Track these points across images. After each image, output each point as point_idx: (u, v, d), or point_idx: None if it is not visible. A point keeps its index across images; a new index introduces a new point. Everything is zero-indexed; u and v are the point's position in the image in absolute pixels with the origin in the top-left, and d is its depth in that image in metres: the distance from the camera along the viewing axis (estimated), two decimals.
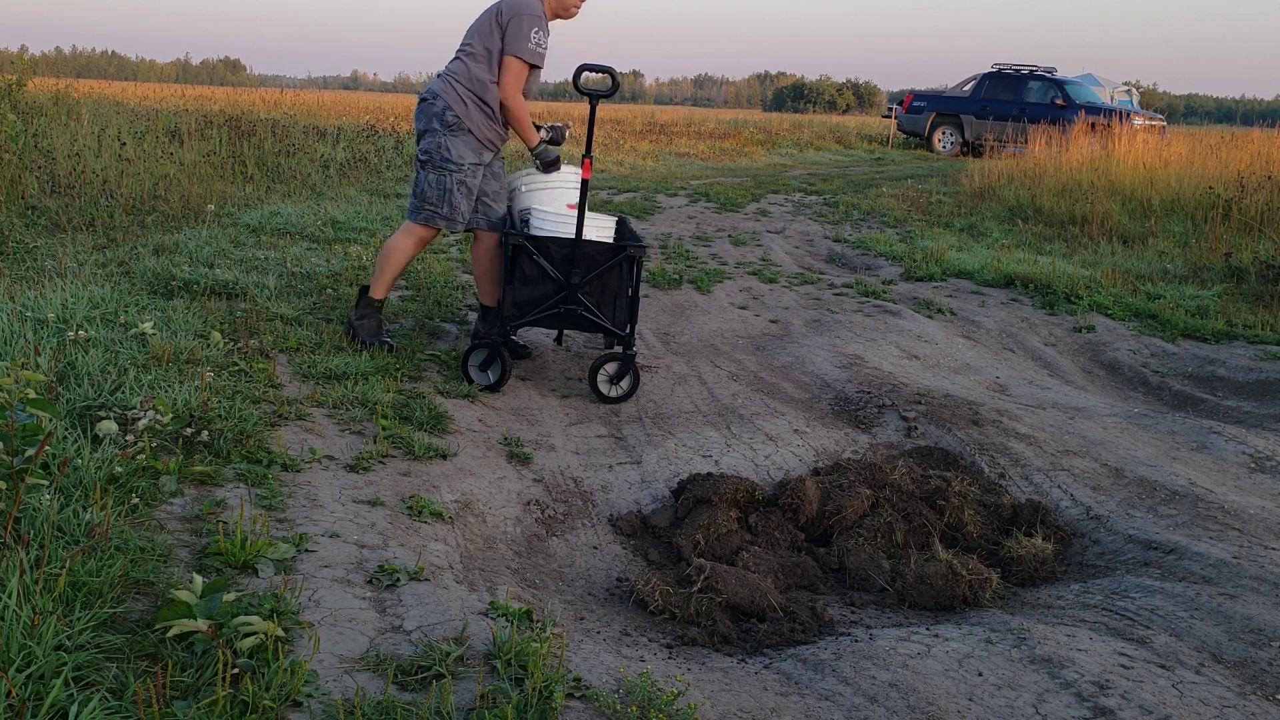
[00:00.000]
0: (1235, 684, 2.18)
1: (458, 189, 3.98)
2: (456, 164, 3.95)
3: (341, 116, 16.37)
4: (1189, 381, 5.09)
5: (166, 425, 2.75)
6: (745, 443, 3.68)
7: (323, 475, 2.82)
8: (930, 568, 2.72)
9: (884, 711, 2.01)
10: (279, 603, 2.02)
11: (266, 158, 9.42)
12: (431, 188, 3.99)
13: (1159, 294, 6.43)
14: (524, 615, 2.22)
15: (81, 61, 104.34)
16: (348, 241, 6.40)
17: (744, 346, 5.00)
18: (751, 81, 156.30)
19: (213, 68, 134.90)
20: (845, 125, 31.61)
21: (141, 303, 4.12)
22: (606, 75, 3.90)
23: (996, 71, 20.09)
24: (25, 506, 2.14)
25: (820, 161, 19.40)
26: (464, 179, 3.97)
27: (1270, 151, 11.18)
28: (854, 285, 6.59)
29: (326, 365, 3.73)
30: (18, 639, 1.69)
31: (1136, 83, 35.97)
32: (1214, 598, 2.57)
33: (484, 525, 2.85)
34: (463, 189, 3.98)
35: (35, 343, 3.25)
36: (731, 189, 11.99)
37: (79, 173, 7.03)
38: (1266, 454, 3.73)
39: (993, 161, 12.75)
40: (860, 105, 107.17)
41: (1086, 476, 3.49)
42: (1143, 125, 15.21)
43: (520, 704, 1.82)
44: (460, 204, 4.00)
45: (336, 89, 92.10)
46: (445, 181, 3.96)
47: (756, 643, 2.41)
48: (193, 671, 1.78)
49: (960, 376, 4.82)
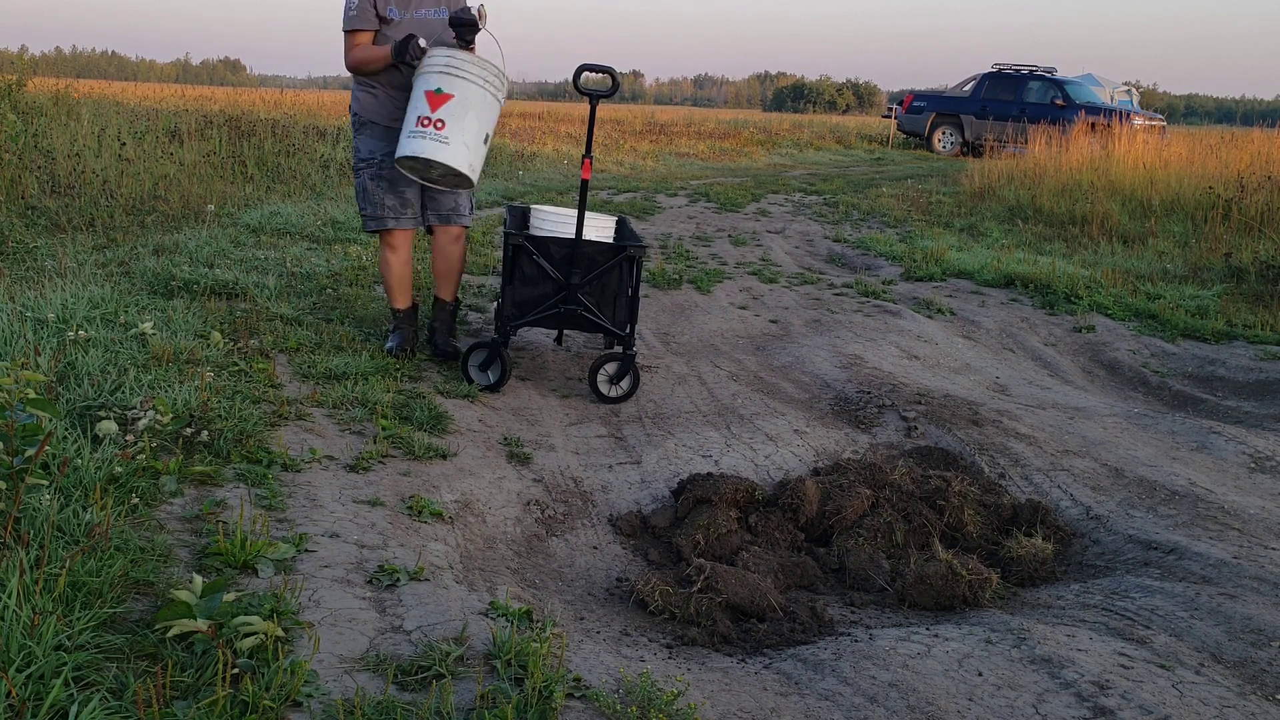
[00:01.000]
0: (1235, 684, 2.18)
1: (371, 183, 3.92)
2: (366, 160, 3.93)
3: (341, 116, 16.34)
4: (1189, 381, 5.09)
5: (166, 425, 2.75)
6: (745, 443, 3.68)
7: (323, 475, 2.82)
8: (930, 568, 2.72)
9: (884, 711, 2.01)
10: (279, 603, 2.02)
11: (266, 158, 9.42)
12: (357, 194, 3.99)
13: (1159, 294, 6.43)
14: (524, 615, 2.22)
15: (81, 61, 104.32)
16: (348, 241, 6.40)
17: (744, 346, 5.00)
18: (751, 81, 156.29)
19: (213, 68, 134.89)
20: (845, 125, 31.61)
21: (141, 303, 4.12)
22: (606, 75, 3.89)
23: (996, 71, 20.09)
24: (25, 506, 2.14)
25: (820, 161, 19.40)
26: (376, 172, 3.90)
27: (1270, 151, 11.18)
28: (854, 285, 6.59)
29: (326, 365, 3.73)
30: (18, 639, 1.69)
31: (1136, 83, 35.96)
32: (1214, 598, 2.57)
33: (484, 525, 2.85)
34: (378, 181, 3.90)
35: (35, 343, 3.25)
36: (731, 189, 11.99)
37: (79, 173, 7.03)
38: (1266, 454, 3.73)
39: (993, 161, 12.74)
40: (860, 105, 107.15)
41: (1086, 476, 3.49)
42: (1143, 125, 15.20)
43: (520, 704, 1.82)
44: (381, 198, 3.92)
45: (336, 89, 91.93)
46: (360, 180, 3.97)
47: (756, 643, 2.41)
48: (193, 671, 1.78)
49: (960, 376, 4.82)
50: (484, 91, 3.58)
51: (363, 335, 4.26)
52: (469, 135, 3.54)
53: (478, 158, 3.66)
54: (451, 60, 3.56)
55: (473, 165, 3.61)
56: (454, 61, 3.56)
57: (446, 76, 3.54)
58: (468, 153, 3.57)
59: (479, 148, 3.63)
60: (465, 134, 3.52)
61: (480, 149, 3.65)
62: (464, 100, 3.54)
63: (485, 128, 3.64)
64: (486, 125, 3.65)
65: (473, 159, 3.61)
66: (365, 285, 5.18)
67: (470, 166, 3.60)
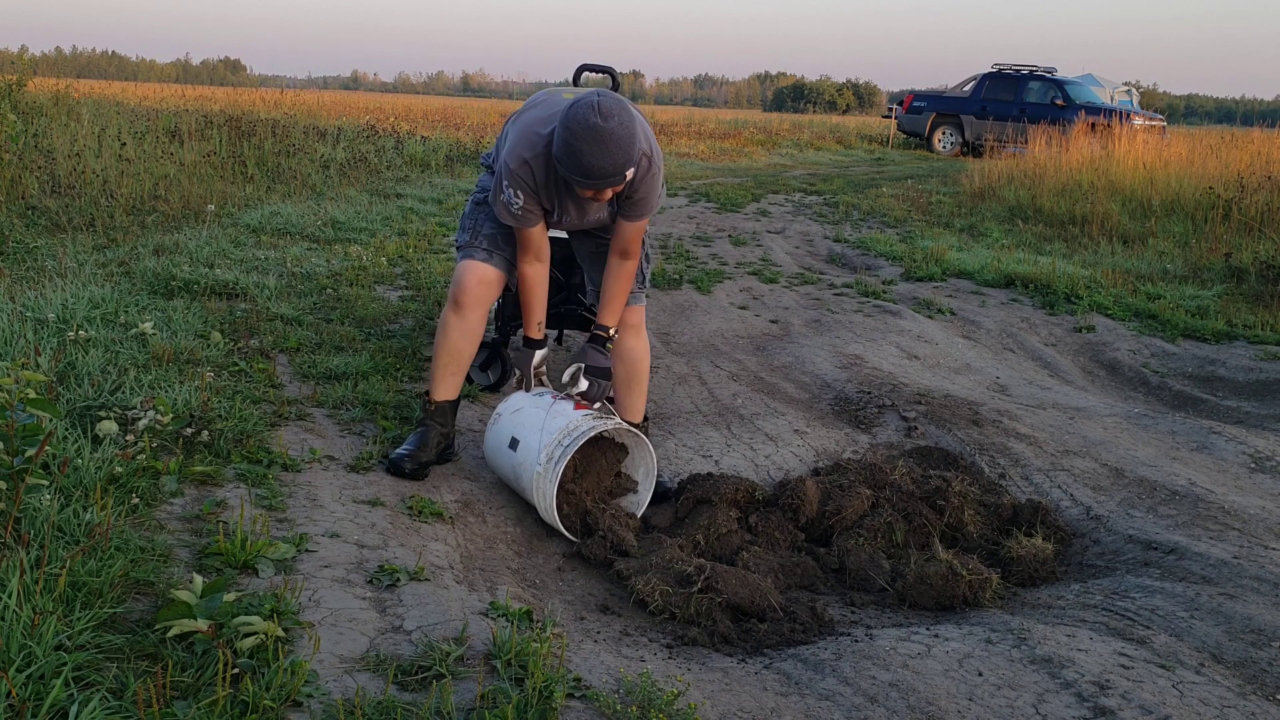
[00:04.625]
0: (1235, 684, 2.18)
1: (476, 207, 3.19)
2: (483, 188, 3.19)
3: (341, 116, 16.37)
4: (1189, 382, 5.09)
5: (166, 425, 2.75)
6: (745, 443, 3.68)
7: (323, 475, 2.82)
8: (930, 568, 2.72)
9: (884, 711, 2.01)
10: (279, 603, 2.02)
11: (266, 158, 9.42)
12: (461, 222, 3.20)
13: (1159, 294, 6.43)
14: (524, 615, 2.22)
15: (81, 61, 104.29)
16: (348, 242, 6.40)
17: (744, 346, 5.00)
18: (751, 81, 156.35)
19: (213, 68, 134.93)
20: (845, 125, 31.60)
21: (141, 303, 4.12)
22: (607, 75, 3.90)
23: (996, 71, 20.09)
24: (25, 506, 2.14)
25: (820, 161, 19.39)
26: (482, 196, 3.17)
27: (1270, 151, 11.19)
28: (854, 285, 6.59)
29: (326, 365, 3.73)
30: (18, 639, 1.69)
31: (1136, 83, 35.98)
32: (1214, 598, 2.57)
33: (484, 525, 2.85)
34: (482, 205, 3.14)
35: (35, 343, 3.25)
36: (731, 189, 11.99)
37: (79, 173, 7.03)
38: (1266, 454, 3.73)
39: (993, 161, 12.75)
40: (860, 105, 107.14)
41: (1086, 476, 3.49)
42: (1143, 125, 15.20)
43: (520, 704, 1.81)
44: (480, 223, 3.12)
45: (336, 89, 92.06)
46: (468, 205, 3.20)
47: (756, 643, 2.41)
48: (193, 671, 1.78)
49: (960, 376, 4.82)
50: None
51: (363, 335, 4.26)
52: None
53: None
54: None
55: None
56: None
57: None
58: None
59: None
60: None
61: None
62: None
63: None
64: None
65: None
66: (365, 285, 5.18)
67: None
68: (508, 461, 2.92)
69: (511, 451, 2.90)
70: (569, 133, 2.56)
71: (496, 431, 3.00)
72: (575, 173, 2.61)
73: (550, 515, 2.81)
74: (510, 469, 2.92)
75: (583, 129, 2.54)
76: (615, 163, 2.59)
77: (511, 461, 2.90)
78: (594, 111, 2.54)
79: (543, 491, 2.78)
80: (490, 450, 3.03)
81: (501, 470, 3.00)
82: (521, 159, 2.78)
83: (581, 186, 2.67)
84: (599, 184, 2.64)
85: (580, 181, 2.64)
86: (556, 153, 2.63)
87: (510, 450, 2.91)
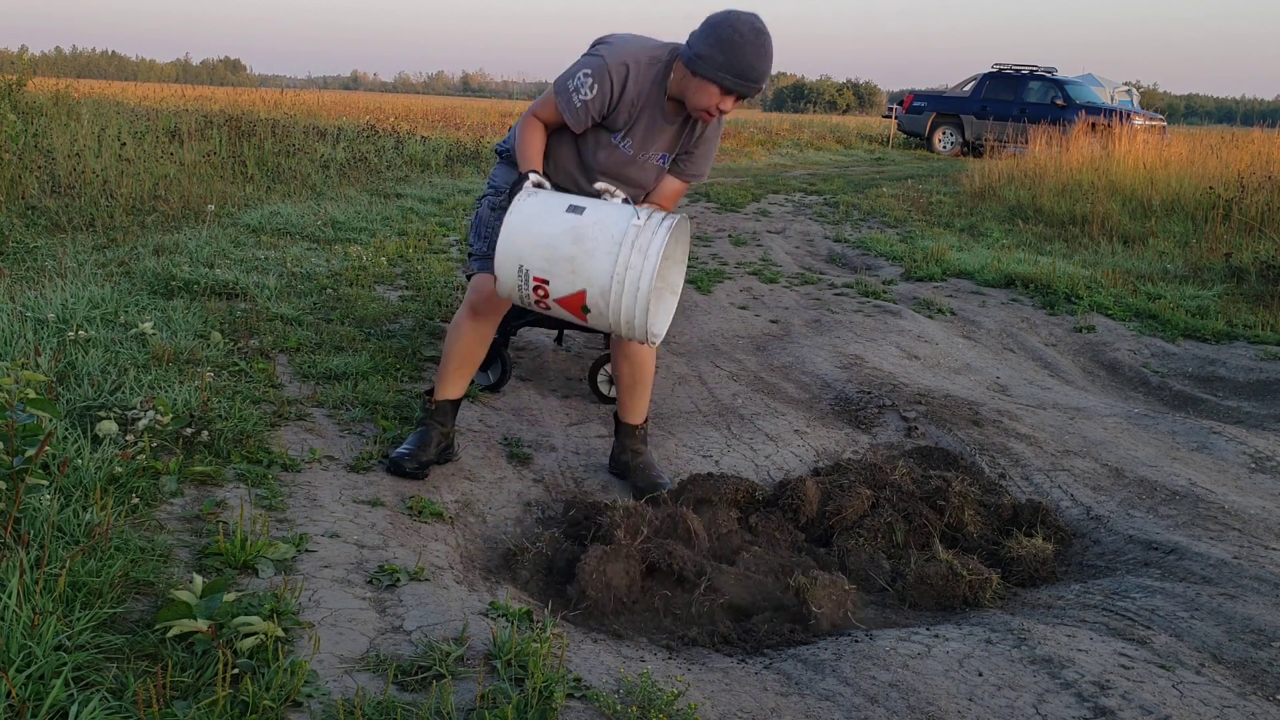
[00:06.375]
0: (1235, 684, 2.18)
1: (491, 213, 3.15)
2: (495, 188, 3.21)
3: (341, 116, 16.37)
4: (1189, 382, 5.09)
5: (166, 425, 2.75)
6: (745, 443, 3.68)
7: (323, 475, 2.82)
8: (930, 568, 2.71)
9: (884, 711, 2.01)
10: (279, 603, 2.02)
11: (266, 158, 9.42)
12: (471, 229, 3.25)
13: (1159, 294, 6.43)
14: (524, 615, 2.22)
15: (81, 61, 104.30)
16: (348, 242, 6.40)
17: (744, 346, 5.00)
18: None
19: (213, 68, 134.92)
20: (845, 125, 31.60)
21: (141, 303, 4.12)
22: None
23: (996, 71, 20.10)
24: (25, 506, 2.14)
25: (820, 161, 19.39)
26: (496, 200, 3.17)
27: (1270, 151, 11.19)
28: (854, 285, 6.59)
29: (326, 365, 3.73)
30: (18, 639, 1.69)
31: (1136, 83, 35.98)
32: (1214, 598, 2.57)
33: (484, 525, 2.85)
34: (497, 212, 3.09)
35: (35, 343, 3.25)
36: (731, 189, 11.99)
37: (79, 173, 7.03)
38: (1267, 454, 3.72)
39: (993, 161, 12.75)
40: (860, 105, 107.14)
41: (1087, 477, 3.49)
42: (1143, 125, 15.21)
43: (520, 704, 1.81)
44: (497, 231, 2.95)
45: (336, 89, 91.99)
46: (480, 210, 3.25)
47: (757, 643, 2.41)
48: (193, 671, 1.78)
49: (960, 376, 4.82)
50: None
51: (363, 335, 4.26)
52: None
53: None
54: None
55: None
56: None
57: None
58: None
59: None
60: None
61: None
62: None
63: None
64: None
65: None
66: (365, 285, 5.18)
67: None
68: (562, 226, 2.35)
69: (574, 214, 2.36)
70: (734, 31, 2.63)
71: (534, 203, 2.43)
72: (731, 71, 2.66)
73: (646, 280, 2.28)
74: (569, 231, 2.35)
75: (750, 31, 2.64)
76: (767, 69, 2.70)
77: (573, 224, 2.35)
78: (755, 18, 2.67)
79: (643, 247, 2.23)
80: (518, 225, 2.42)
81: (545, 238, 2.38)
82: (624, 61, 2.74)
83: (727, 89, 2.69)
84: (750, 87, 2.70)
85: (732, 82, 2.67)
86: (709, 52, 2.65)
87: (571, 214, 2.37)
